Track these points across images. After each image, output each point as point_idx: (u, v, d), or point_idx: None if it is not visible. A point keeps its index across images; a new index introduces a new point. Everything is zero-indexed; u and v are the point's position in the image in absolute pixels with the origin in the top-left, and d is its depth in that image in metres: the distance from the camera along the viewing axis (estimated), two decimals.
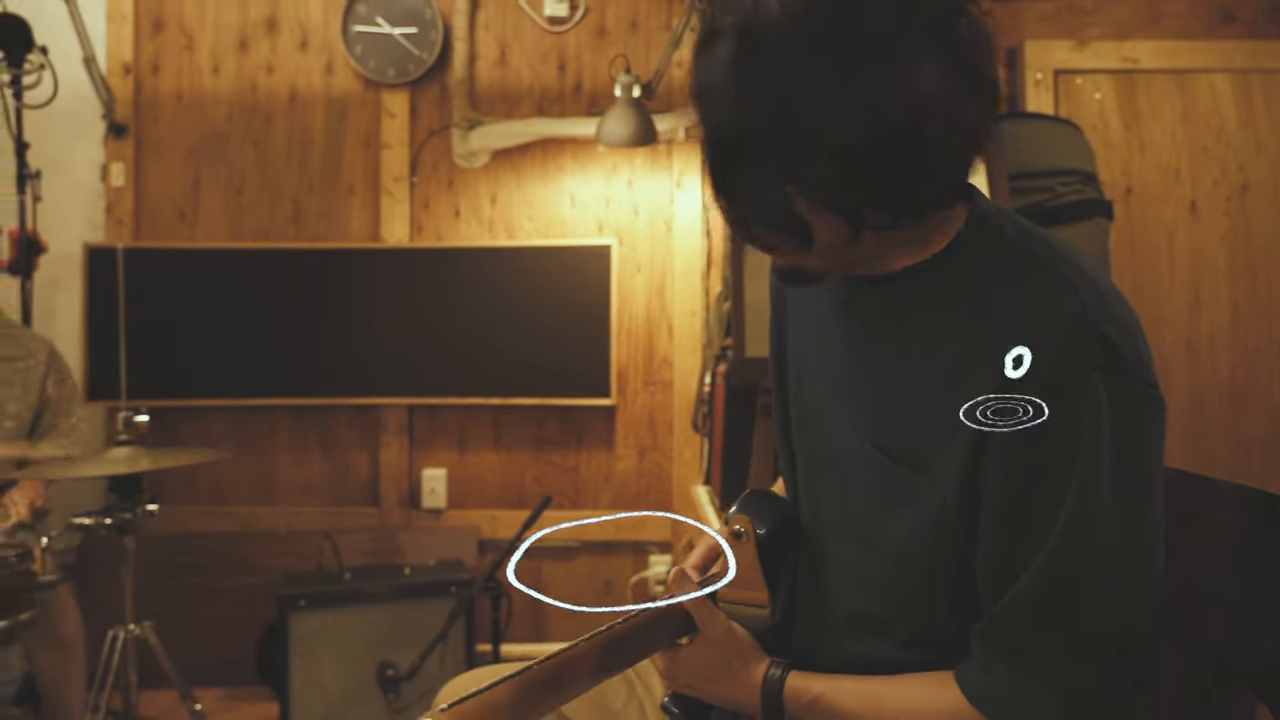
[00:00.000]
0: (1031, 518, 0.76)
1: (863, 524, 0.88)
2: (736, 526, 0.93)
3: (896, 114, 0.73)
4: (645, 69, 2.89)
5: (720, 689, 0.92)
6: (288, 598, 2.29)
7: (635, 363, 3.01)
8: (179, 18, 3.00)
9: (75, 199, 2.95)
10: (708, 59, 0.78)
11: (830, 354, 0.94)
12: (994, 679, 0.78)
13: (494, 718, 0.70)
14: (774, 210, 0.78)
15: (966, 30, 0.75)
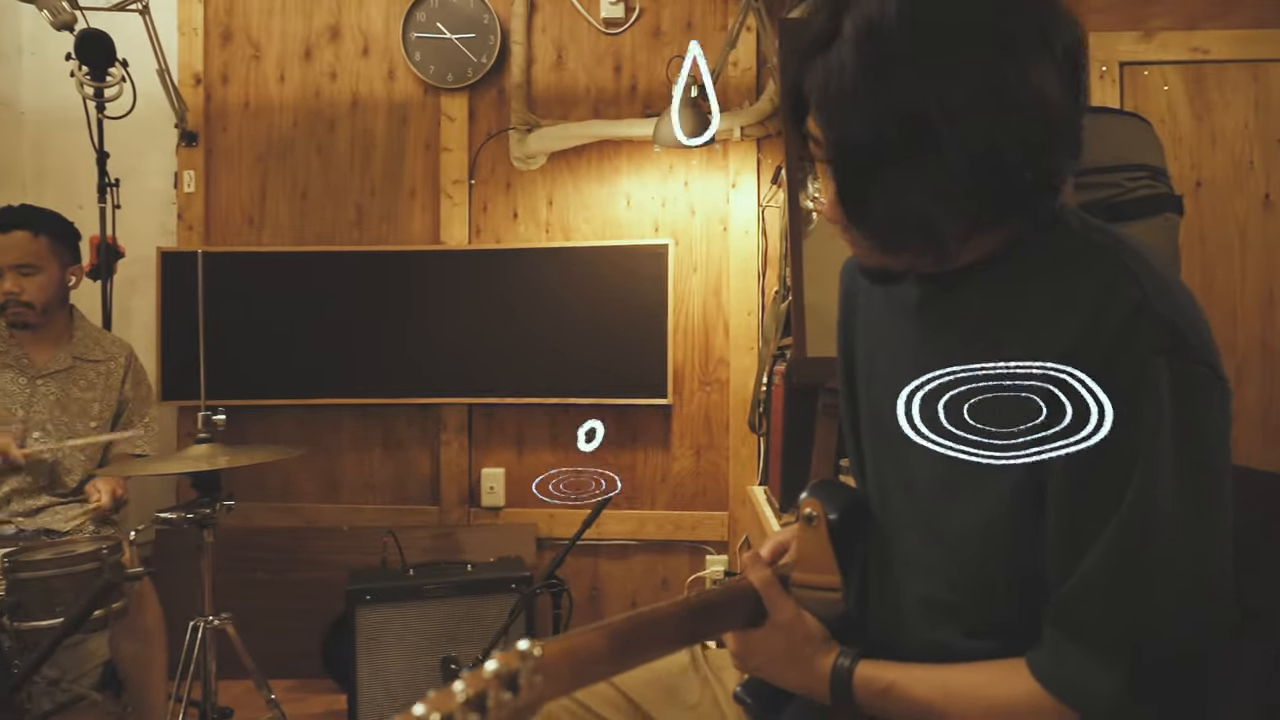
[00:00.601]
0: (1095, 501, 0.77)
1: (931, 515, 0.90)
2: (808, 510, 0.96)
3: (1025, 116, 0.75)
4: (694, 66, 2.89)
5: (789, 673, 0.93)
6: (355, 593, 2.34)
7: (691, 362, 3.02)
8: (246, 29, 3.09)
9: (149, 206, 3.06)
10: (825, 66, 0.79)
11: (901, 351, 0.95)
12: (1063, 662, 0.79)
13: (580, 658, 0.72)
14: (906, 216, 0.81)
15: (1071, 37, 0.78)
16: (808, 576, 0.96)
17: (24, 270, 2.23)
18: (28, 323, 2.26)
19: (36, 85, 3.16)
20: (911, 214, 0.80)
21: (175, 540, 2.60)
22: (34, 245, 2.24)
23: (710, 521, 3.01)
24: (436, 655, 2.39)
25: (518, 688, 0.56)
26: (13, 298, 2.22)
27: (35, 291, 2.24)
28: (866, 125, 0.77)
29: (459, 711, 0.51)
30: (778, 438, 2.45)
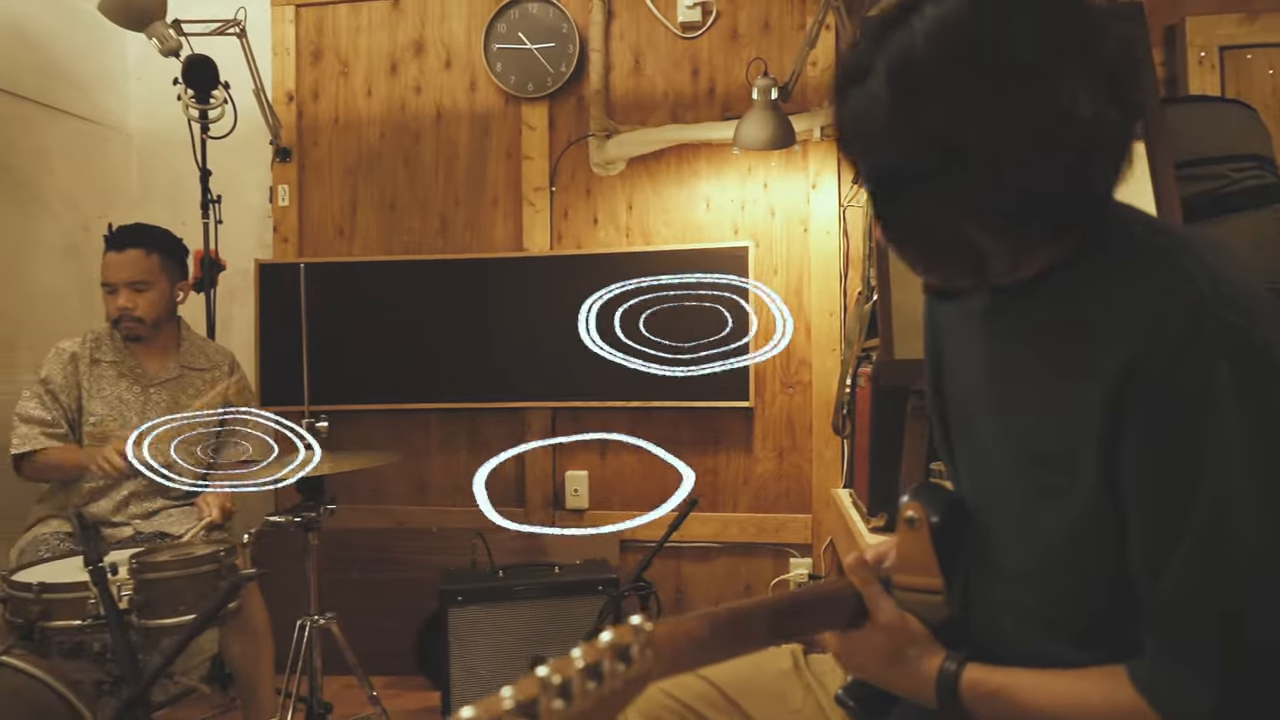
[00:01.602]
0: (1170, 510, 0.77)
1: (1016, 523, 0.91)
2: (910, 513, 0.96)
3: (1061, 140, 0.76)
4: (779, 70, 2.89)
5: (892, 675, 0.94)
6: (447, 593, 2.40)
7: (773, 364, 3.01)
8: (335, 47, 3.20)
9: (247, 220, 3.19)
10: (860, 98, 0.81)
11: (975, 359, 0.97)
12: (1160, 672, 0.79)
13: (683, 642, 0.75)
14: (944, 239, 0.83)
15: (1112, 50, 0.78)
16: (910, 579, 0.96)
17: (137, 287, 2.35)
18: (139, 336, 2.39)
19: (143, 108, 3.33)
20: (950, 238, 0.81)
21: (276, 542, 2.71)
22: (147, 263, 2.36)
23: (793, 524, 2.99)
24: (526, 655, 2.43)
25: (630, 659, 0.58)
26: (126, 313, 2.35)
27: (147, 307, 2.36)
28: (900, 156, 0.79)
29: (577, 677, 0.54)
30: (863, 440, 2.42)
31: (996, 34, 0.76)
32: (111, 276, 2.35)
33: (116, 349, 2.42)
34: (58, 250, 3.00)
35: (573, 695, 0.52)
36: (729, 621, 0.81)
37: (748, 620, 0.84)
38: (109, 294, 2.36)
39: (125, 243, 2.36)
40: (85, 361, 2.38)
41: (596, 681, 0.54)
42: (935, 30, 0.76)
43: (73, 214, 3.07)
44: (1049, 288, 0.86)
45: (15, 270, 2.82)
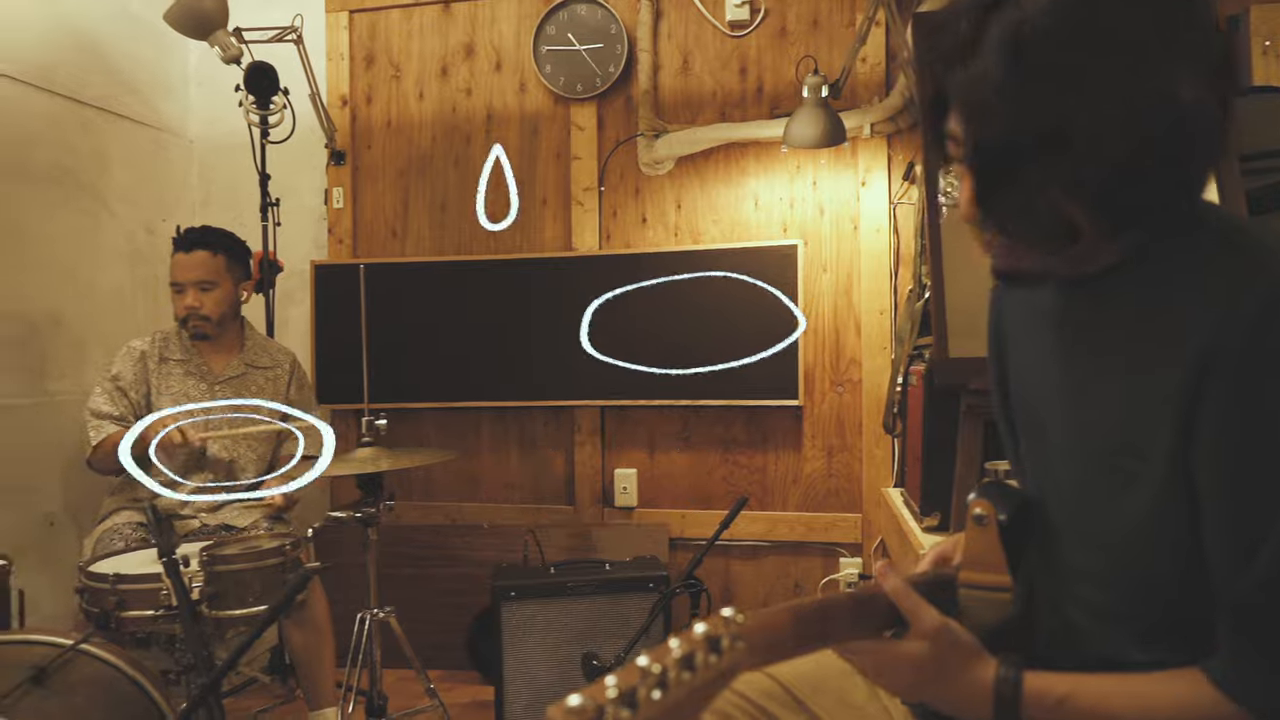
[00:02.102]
0: (1248, 501, 0.76)
1: (1086, 519, 0.90)
2: (978, 510, 0.95)
3: (1162, 123, 0.77)
4: (829, 67, 2.88)
5: (938, 690, 0.89)
6: (500, 589, 2.43)
7: (822, 363, 3.00)
8: (388, 51, 3.26)
9: (302, 222, 3.25)
10: (966, 74, 0.81)
11: (1044, 356, 0.97)
12: (1247, 670, 0.78)
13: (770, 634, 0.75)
14: (1042, 216, 0.82)
15: (1214, 40, 0.79)
16: (977, 576, 0.95)
17: (203, 286, 2.42)
18: (206, 334, 2.46)
19: (203, 115, 3.42)
20: (1047, 216, 0.81)
21: (335, 537, 2.77)
22: (213, 263, 2.43)
23: (843, 524, 2.97)
24: (577, 651, 2.45)
25: (720, 651, 0.59)
26: (194, 311, 2.42)
27: (212, 306, 2.44)
28: (1007, 131, 0.80)
29: (673, 667, 0.55)
30: (915, 439, 2.40)
31: (1109, 14, 0.77)
32: (179, 276, 2.42)
33: (184, 348, 2.50)
34: (122, 253, 3.10)
35: (669, 685, 0.53)
36: (812, 613, 0.81)
37: (832, 613, 0.83)
38: (177, 293, 2.44)
39: (192, 244, 2.43)
40: (154, 359, 2.46)
41: (690, 672, 0.55)
42: (1049, 7, 0.76)
43: (136, 217, 3.16)
44: (1123, 281, 0.86)
45: (82, 272, 2.92)
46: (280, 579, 1.72)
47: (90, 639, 1.62)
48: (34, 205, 2.74)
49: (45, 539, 2.71)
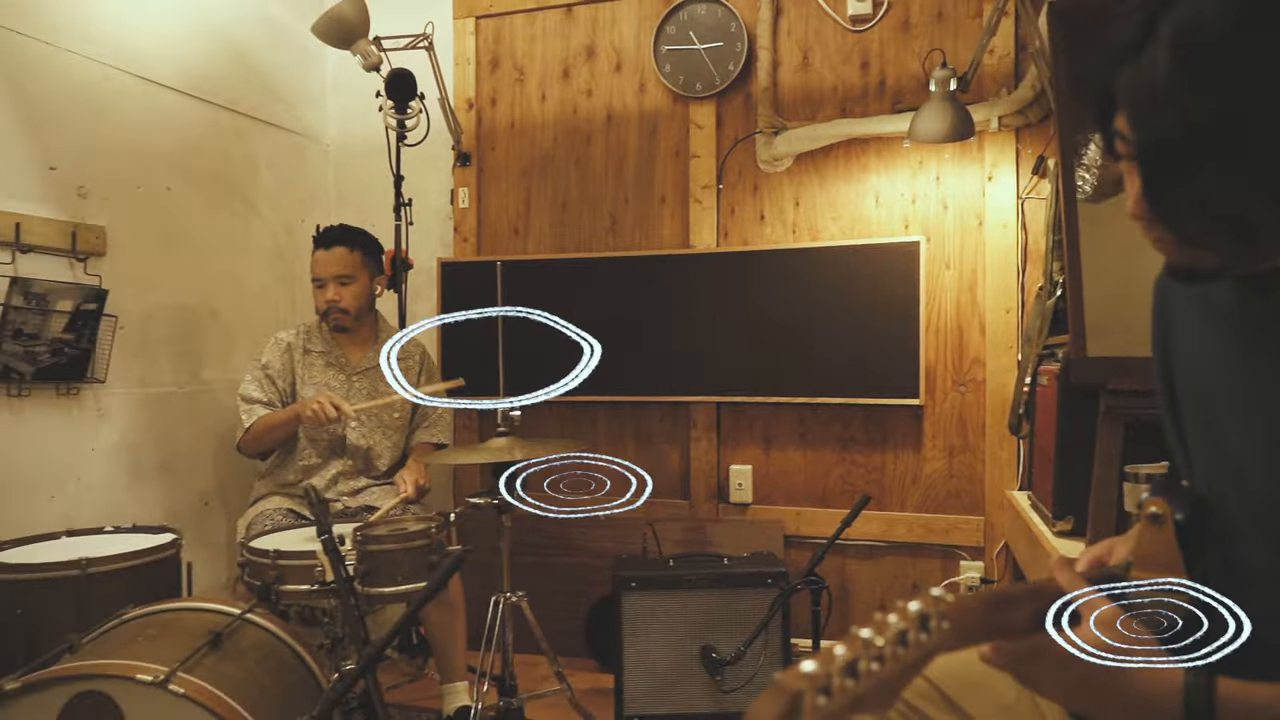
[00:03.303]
0: None
1: (1268, 521, 0.87)
2: (1153, 509, 0.93)
3: None
4: (954, 59, 2.81)
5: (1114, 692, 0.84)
6: (621, 579, 2.49)
7: (944, 362, 2.94)
8: (512, 55, 3.36)
9: (430, 221, 3.39)
10: (1141, 70, 0.80)
11: (1218, 350, 0.94)
12: None
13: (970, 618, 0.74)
14: (1217, 214, 0.81)
15: None
16: (1150, 576, 0.93)
17: (342, 281, 2.56)
18: (344, 326, 2.60)
19: (339, 120, 3.61)
20: (1222, 211, 0.79)
21: (465, 523, 2.88)
22: (350, 259, 2.57)
23: (964, 526, 2.91)
24: (695, 643, 2.49)
25: (929, 630, 0.60)
26: (333, 305, 2.56)
27: (350, 299, 2.57)
28: (1180, 126, 0.78)
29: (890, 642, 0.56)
30: (1046, 441, 2.33)
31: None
32: (320, 271, 2.57)
33: (325, 340, 2.65)
34: (267, 251, 3.30)
35: (884, 659, 0.55)
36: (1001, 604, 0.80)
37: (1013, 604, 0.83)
38: (318, 288, 2.59)
39: (331, 241, 2.57)
40: (299, 351, 2.62)
41: (904, 648, 0.57)
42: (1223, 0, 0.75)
43: (279, 218, 3.36)
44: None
45: (233, 270, 3.12)
46: (426, 560, 1.81)
47: (255, 609, 1.74)
48: (194, 208, 2.95)
49: (201, 517, 2.92)
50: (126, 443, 2.68)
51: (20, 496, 2.35)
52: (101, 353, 2.54)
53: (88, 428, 2.56)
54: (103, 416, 2.60)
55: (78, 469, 2.53)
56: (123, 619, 1.67)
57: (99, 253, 2.57)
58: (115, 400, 2.64)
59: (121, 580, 1.82)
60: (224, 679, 1.44)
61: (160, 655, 1.44)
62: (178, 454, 2.85)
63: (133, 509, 2.67)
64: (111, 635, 1.59)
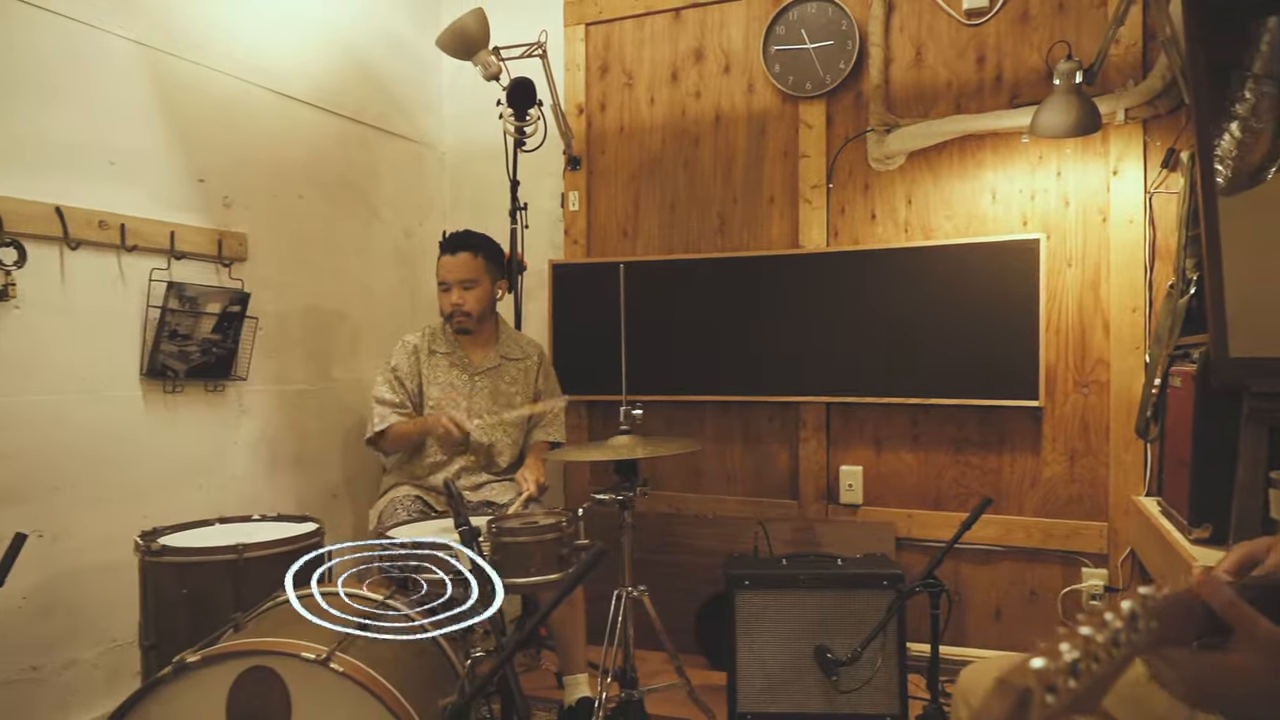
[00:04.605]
0: None
1: None
2: None
3: None
4: (1078, 51, 2.73)
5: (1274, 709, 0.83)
6: (734, 578, 2.51)
7: (1065, 363, 2.86)
8: (621, 60, 3.42)
9: (541, 224, 3.48)
10: None
11: None
12: None
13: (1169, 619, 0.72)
14: None
15: None
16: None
17: (467, 285, 2.66)
18: (468, 329, 2.70)
19: (454, 128, 3.74)
20: None
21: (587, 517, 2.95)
22: (475, 264, 2.67)
23: (1086, 532, 2.82)
24: (808, 642, 2.49)
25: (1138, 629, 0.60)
26: (458, 308, 2.66)
27: (474, 303, 2.67)
28: None
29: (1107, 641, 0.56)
30: (1179, 445, 2.25)
31: None
32: (446, 276, 2.67)
33: (448, 341, 2.75)
34: (388, 255, 3.45)
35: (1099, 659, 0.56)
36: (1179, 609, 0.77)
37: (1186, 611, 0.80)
38: (443, 291, 2.69)
39: (457, 246, 2.67)
40: (424, 352, 2.73)
41: (1116, 648, 0.58)
42: None
43: (399, 223, 3.50)
44: None
45: (358, 274, 3.28)
46: (557, 553, 1.87)
47: (393, 597, 1.83)
48: (323, 215, 3.11)
49: (329, 507, 3.07)
50: (265, 437, 2.84)
51: (174, 485, 2.53)
52: (244, 352, 2.70)
53: (231, 422, 2.73)
54: (244, 412, 2.77)
55: (222, 461, 2.70)
56: (277, 601, 1.79)
57: (241, 258, 2.74)
58: (255, 397, 2.80)
59: (273, 564, 1.94)
60: (376, 660, 1.53)
61: (317, 635, 1.54)
62: (309, 448, 3.01)
63: (270, 499, 2.84)
64: (269, 615, 1.70)
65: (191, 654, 1.46)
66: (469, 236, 2.72)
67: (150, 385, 2.47)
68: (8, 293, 2.10)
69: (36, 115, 2.18)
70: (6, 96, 2.11)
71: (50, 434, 2.21)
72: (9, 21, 2.12)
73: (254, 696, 1.45)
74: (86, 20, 2.29)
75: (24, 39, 2.15)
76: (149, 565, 1.95)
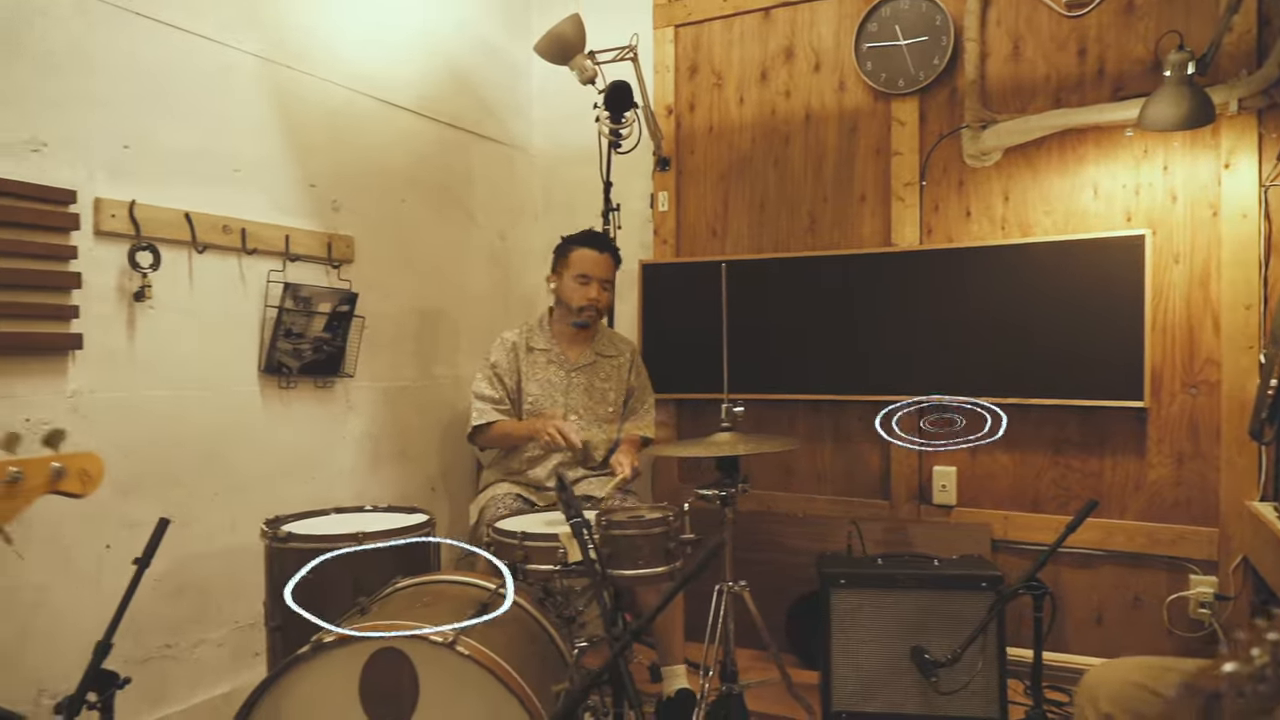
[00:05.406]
0: None
1: None
2: None
3: None
4: (1188, 41, 2.65)
5: None
6: (829, 576, 2.51)
7: (1172, 362, 2.77)
8: (710, 61, 3.45)
9: (630, 225, 3.53)
10: None
11: None
12: None
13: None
14: None
15: None
16: None
17: (606, 284, 2.76)
18: (588, 324, 2.78)
19: (543, 132, 3.82)
20: None
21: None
22: (611, 264, 2.79)
23: (1194, 537, 2.74)
24: (904, 643, 2.47)
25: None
26: (594, 303, 2.74)
27: (605, 302, 2.79)
28: None
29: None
30: None
31: None
32: (592, 270, 2.74)
33: (545, 339, 2.82)
34: (483, 256, 3.54)
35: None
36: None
37: None
38: (583, 284, 2.75)
39: (603, 245, 2.78)
40: (523, 349, 2.81)
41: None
42: None
43: (492, 226, 3.60)
44: None
45: (455, 275, 3.38)
46: (664, 546, 1.91)
47: (506, 585, 1.90)
48: (423, 218, 3.22)
49: (428, 500, 3.18)
50: (369, 432, 2.96)
51: (287, 477, 2.66)
52: (351, 350, 2.82)
53: (339, 418, 2.85)
54: (351, 408, 2.89)
55: (331, 454, 2.82)
56: (397, 587, 1.87)
57: (349, 260, 2.85)
58: (361, 393, 2.92)
59: (389, 552, 2.03)
60: (496, 644, 1.59)
61: (439, 620, 1.61)
62: (410, 443, 3.12)
63: (374, 491, 2.95)
64: (392, 600, 1.78)
65: (328, 635, 1.54)
66: (605, 236, 2.83)
67: (267, 381, 2.60)
68: (144, 293, 2.24)
69: (169, 127, 2.31)
70: (144, 110, 2.25)
71: (177, 426, 2.35)
72: (146, 40, 2.26)
73: (385, 676, 1.52)
74: (214, 37, 2.43)
75: (158, 56, 2.29)
76: (275, 551, 2.06)
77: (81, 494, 1.44)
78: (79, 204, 2.10)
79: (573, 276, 2.75)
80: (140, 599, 1.79)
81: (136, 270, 2.22)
